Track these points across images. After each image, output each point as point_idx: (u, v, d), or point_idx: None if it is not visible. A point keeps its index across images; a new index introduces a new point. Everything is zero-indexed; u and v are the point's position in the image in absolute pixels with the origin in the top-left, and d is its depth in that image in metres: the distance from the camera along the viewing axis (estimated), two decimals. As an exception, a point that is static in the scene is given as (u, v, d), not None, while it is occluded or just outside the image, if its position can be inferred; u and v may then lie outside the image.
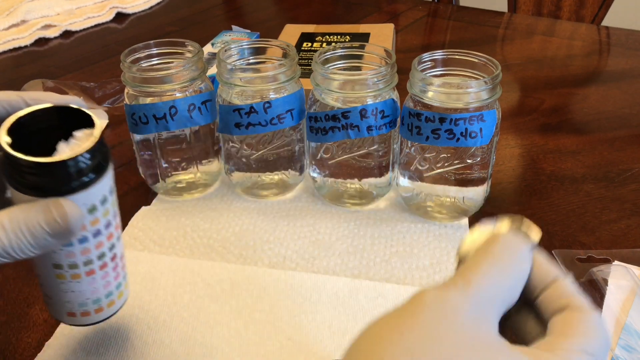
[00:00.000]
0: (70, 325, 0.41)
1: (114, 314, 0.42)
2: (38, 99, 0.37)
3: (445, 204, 0.58)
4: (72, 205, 0.33)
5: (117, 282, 0.41)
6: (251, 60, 0.60)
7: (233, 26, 1.04)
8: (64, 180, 0.33)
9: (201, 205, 0.62)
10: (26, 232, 0.32)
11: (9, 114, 0.35)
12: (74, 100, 0.37)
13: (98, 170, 0.35)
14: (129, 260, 0.54)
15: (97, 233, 0.37)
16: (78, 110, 0.36)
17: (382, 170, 0.59)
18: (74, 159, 0.33)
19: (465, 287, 0.27)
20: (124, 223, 0.60)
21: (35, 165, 0.32)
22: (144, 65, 0.58)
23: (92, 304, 0.40)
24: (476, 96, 0.50)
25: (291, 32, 0.93)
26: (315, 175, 0.61)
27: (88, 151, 0.34)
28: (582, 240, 0.56)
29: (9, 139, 0.33)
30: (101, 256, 0.38)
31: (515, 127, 0.77)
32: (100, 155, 0.35)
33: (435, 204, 0.58)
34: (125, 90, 0.58)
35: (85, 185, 0.34)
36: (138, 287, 0.51)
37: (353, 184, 0.60)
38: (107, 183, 0.36)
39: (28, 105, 0.37)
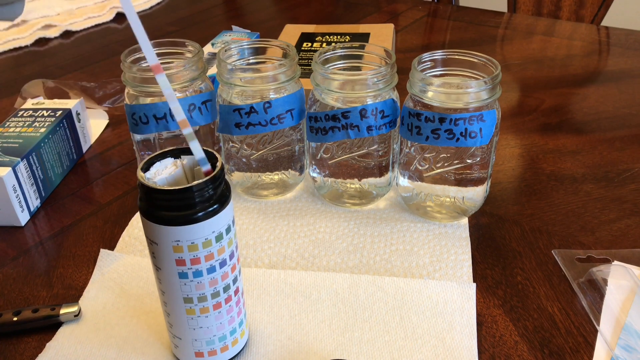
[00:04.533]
0: None
1: (239, 353, 0.44)
2: None
3: (445, 204, 0.58)
4: None
5: (239, 318, 0.42)
6: (251, 60, 0.61)
7: (233, 26, 1.04)
8: (192, 207, 0.36)
9: (201, 205, 0.62)
10: None
11: None
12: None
13: (222, 200, 0.37)
14: (131, 265, 0.54)
15: (223, 263, 0.39)
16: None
17: (382, 170, 0.59)
18: (201, 186, 0.36)
19: None
20: (124, 223, 0.60)
21: (167, 191, 0.35)
22: (144, 65, 0.58)
23: (219, 342, 0.42)
24: (476, 96, 0.50)
25: (291, 32, 0.93)
26: (315, 175, 0.61)
27: (212, 180, 0.36)
28: (581, 240, 0.56)
29: (143, 174, 0.37)
30: (226, 288, 0.40)
31: (515, 127, 0.77)
32: (223, 185, 0.38)
33: (435, 204, 0.58)
34: (126, 90, 0.58)
35: (212, 213, 0.36)
36: (140, 291, 0.51)
37: (353, 184, 0.60)
38: (229, 213, 0.38)
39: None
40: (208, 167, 0.38)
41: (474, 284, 0.50)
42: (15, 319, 0.47)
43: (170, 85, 0.36)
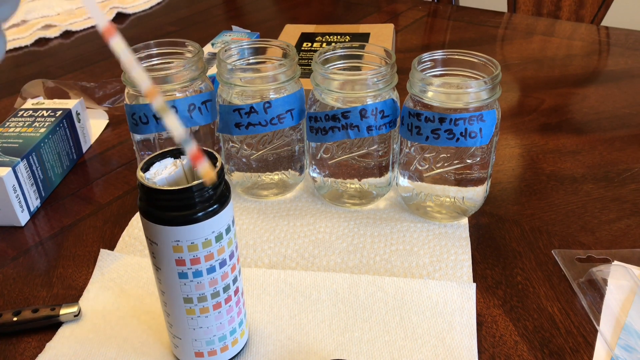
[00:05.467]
0: None
1: (239, 353, 0.44)
2: None
3: (445, 204, 0.58)
4: None
5: (239, 318, 0.42)
6: (251, 60, 0.61)
7: (233, 26, 1.04)
8: (192, 207, 0.36)
9: (201, 205, 0.62)
10: None
11: None
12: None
13: (222, 200, 0.37)
14: (131, 265, 0.54)
15: (222, 263, 0.39)
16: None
17: (382, 170, 0.59)
18: (201, 186, 0.35)
19: None
20: (124, 223, 0.60)
21: (167, 192, 0.35)
22: (144, 65, 0.58)
23: (219, 342, 0.42)
24: (476, 96, 0.50)
25: (291, 32, 0.93)
26: (315, 175, 0.61)
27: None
28: (581, 240, 0.56)
29: (143, 174, 0.37)
30: (226, 288, 0.40)
31: (515, 127, 0.77)
32: (222, 185, 0.37)
33: (435, 204, 0.58)
34: (126, 90, 0.58)
35: (212, 213, 0.36)
36: (140, 291, 0.51)
37: (353, 184, 0.60)
38: (229, 213, 0.38)
39: None
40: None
41: (474, 284, 0.50)
42: (15, 319, 0.47)
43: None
